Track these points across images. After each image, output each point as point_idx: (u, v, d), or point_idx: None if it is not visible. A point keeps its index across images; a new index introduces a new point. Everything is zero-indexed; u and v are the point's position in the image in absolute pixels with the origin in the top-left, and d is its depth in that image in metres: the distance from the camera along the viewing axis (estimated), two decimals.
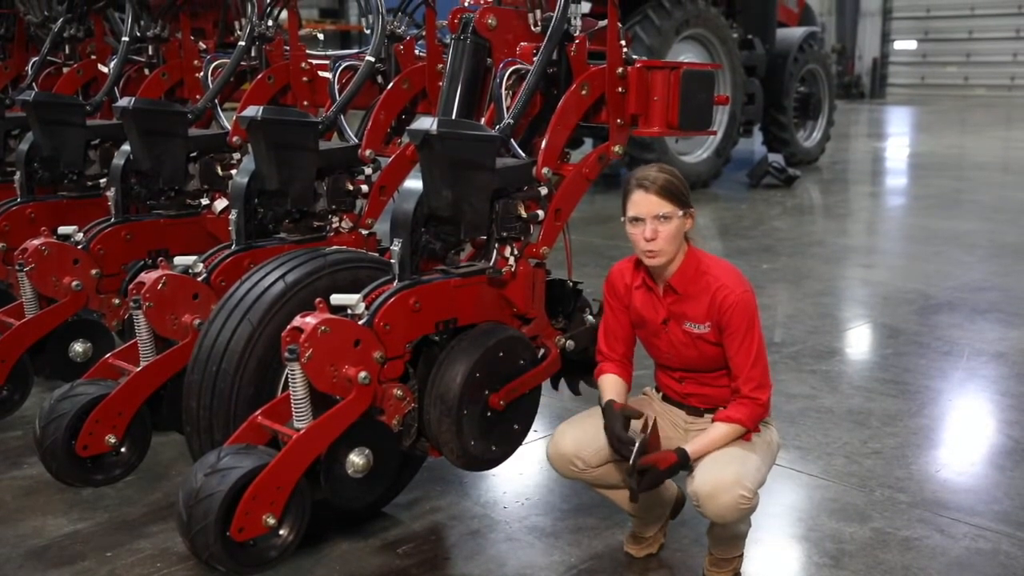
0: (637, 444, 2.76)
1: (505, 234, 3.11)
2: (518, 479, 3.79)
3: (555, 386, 3.58)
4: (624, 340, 3.09)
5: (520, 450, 3.29)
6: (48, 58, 5.46)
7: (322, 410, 2.80)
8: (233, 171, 4.04)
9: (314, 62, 4.45)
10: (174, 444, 3.91)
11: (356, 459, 2.83)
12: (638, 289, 3.03)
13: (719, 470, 2.79)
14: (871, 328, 6.08)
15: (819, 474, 3.85)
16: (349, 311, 2.87)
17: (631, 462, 2.75)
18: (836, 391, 4.83)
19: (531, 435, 3.36)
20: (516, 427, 3.23)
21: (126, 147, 4.13)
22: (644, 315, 3.02)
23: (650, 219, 2.84)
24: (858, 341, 5.85)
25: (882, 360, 5.39)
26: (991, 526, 3.42)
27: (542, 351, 3.31)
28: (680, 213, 2.86)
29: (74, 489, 3.57)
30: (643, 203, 2.85)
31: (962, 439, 4.35)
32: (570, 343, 3.39)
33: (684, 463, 2.81)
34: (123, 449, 3.39)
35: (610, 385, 3.04)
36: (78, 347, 4.07)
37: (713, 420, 2.91)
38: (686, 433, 3.03)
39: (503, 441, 3.20)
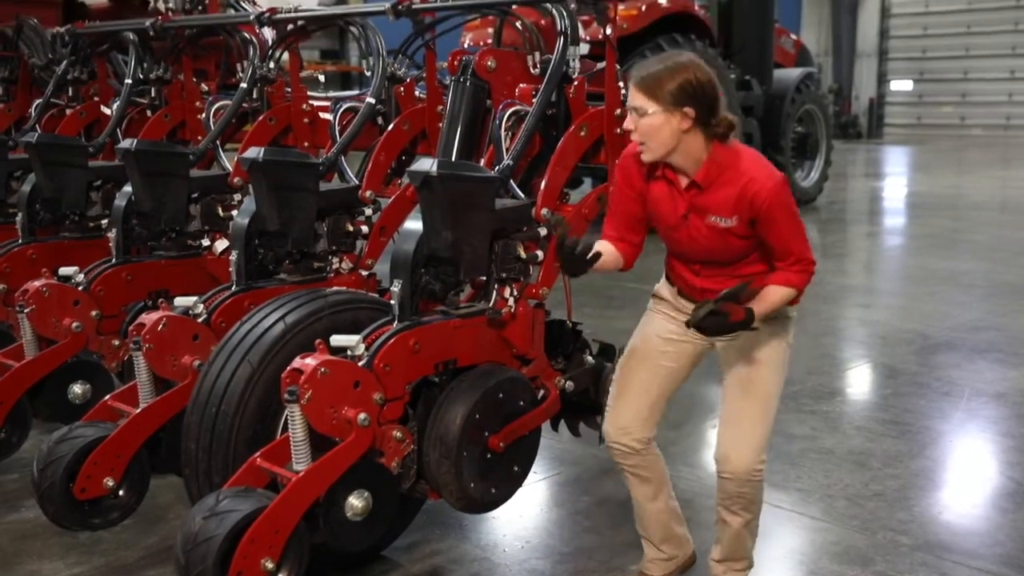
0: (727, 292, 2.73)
1: (504, 275, 3.11)
2: (518, 521, 3.77)
3: (555, 427, 3.56)
4: (627, 222, 2.96)
5: (520, 492, 3.27)
6: (51, 100, 5.50)
7: (321, 452, 2.79)
8: (234, 212, 4.06)
9: (315, 104, 4.49)
10: (172, 487, 3.88)
11: (355, 502, 2.82)
12: (657, 180, 2.88)
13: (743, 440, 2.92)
14: (871, 368, 6.07)
15: (820, 516, 3.83)
16: (349, 352, 2.87)
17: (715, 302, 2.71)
18: (837, 432, 4.81)
19: (531, 477, 3.34)
20: (516, 469, 3.21)
21: (128, 188, 4.15)
22: (662, 208, 2.89)
23: (631, 110, 2.77)
24: (858, 381, 5.84)
25: (882, 400, 5.38)
26: (994, 569, 3.39)
27: (542, 392, 3.31)
28: (658, 110, 2.69)
29: (71, 533, 3.54)
30: (630, 95, 2.77)
31: (964, 481, 4.33)
32: (570, 384, 3.38)
33: (750, 321, 2.75)
34: (121, 492, 3.37)
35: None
36: (77, 388, 4.06)
37: (767, 284, 2.82)
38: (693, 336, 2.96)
39: (503, 483, 3.18)
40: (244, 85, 4.49)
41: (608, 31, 3.32)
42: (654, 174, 2.88)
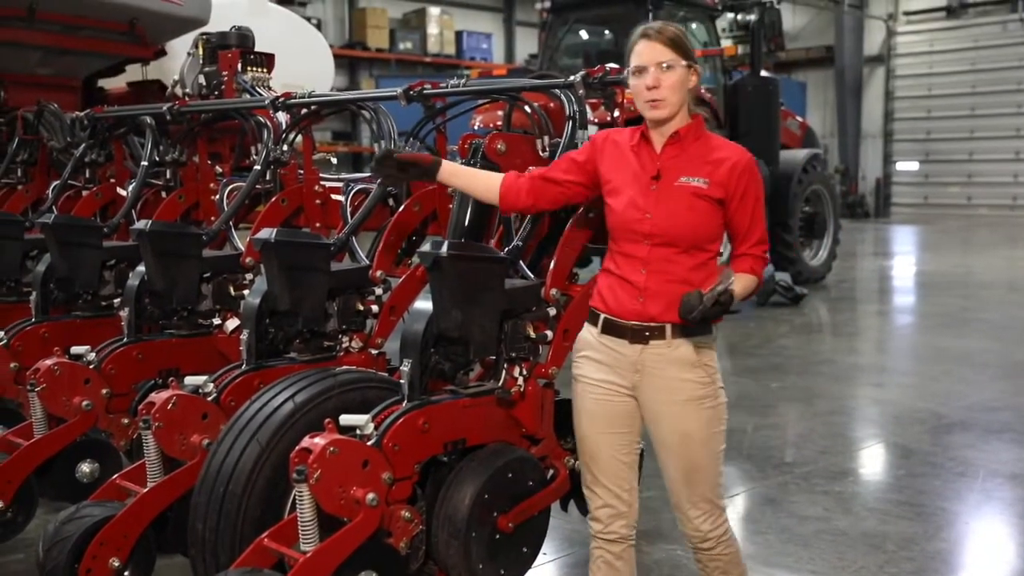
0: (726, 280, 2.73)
1: (514, 354, 3.12)
2: None
3: (564, 507, 3.53)
4: (547, 182, 3.04)
5: (529, 573, 3.23)
6: (69, 182, 5.60)
7: (329, 532, 2.77)
8: (246, 291, 4.09)
9: (327, 185, 4.55)
10: (179, 567, 3.83)
11: None
12: (633, 148, 2.92)
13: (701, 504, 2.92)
14: (884, 448, 6.02)
15: None
16: (358, 432, 2.87)
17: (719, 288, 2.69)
18: (850, 513, 4.75)
19: (541, 558, 3.30)
20: (525, 550, 3.18)
21: (141, 268, 4.20)
22: (633, 172, 2.89)
23: (653, 67, 2.80)
24: (871, 461, 5.78)
25: (896, 481, 5.32)
26: None
27: (551, 472, 3.29)
28: (683, 64, 2.81)
29: None
30: (647, 52, 2.83)
31: (981, 564, 4.25)
32: (579, 464, 3.36)
33: (731, 302, 2.74)
34: (127, 573, 3.33)
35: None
36: (85, 467, 4.04)
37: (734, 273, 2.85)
38: (637, 380, 2.89)
39: (512, 564, 3.14)
40: (258, 167, 4.57)
41: (616, 114, 3.38)
42: (632, 142, 2.93)
